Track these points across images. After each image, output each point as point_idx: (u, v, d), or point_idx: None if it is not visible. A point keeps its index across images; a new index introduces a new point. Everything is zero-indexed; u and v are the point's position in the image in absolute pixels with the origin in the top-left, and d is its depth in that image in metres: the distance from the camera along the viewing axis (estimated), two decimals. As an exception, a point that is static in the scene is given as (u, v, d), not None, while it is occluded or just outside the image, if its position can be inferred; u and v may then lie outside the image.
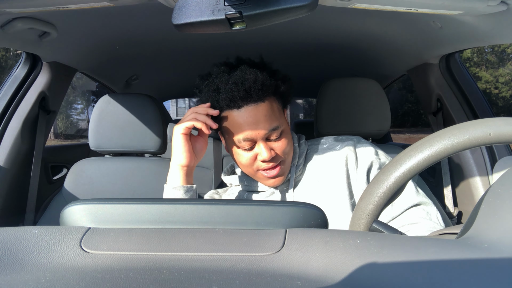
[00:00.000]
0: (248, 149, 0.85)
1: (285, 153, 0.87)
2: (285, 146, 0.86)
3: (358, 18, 1.23)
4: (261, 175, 0.88)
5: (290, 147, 0.88)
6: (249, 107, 0.82)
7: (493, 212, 0.33)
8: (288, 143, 0.87)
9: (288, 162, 0.90)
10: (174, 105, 23.57)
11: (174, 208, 0.39)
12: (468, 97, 1.42)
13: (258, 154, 0.85)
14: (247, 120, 0.82)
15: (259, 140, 0.84)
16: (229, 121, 0.84)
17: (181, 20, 0.60)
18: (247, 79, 0.81)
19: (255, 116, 0.82)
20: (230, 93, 0.81)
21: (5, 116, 1.34)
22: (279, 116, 0.86)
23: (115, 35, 1.37)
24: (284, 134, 0.87)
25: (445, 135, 0.46)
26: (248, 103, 0.82)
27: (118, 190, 1.31)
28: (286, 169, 0.90)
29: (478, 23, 0.90)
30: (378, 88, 1.23)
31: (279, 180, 0.89)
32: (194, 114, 0.83)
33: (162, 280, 0.28)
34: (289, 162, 0.90)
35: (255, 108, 0.82)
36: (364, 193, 0.50)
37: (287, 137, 0.88)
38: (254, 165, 0.87)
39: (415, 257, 0.30)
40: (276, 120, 0.84)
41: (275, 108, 0.86)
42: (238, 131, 0.83)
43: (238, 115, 0.83)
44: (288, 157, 0.89)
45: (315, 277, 0.30)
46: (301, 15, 0.56)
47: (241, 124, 0.83)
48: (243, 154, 0.86)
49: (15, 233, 0.35)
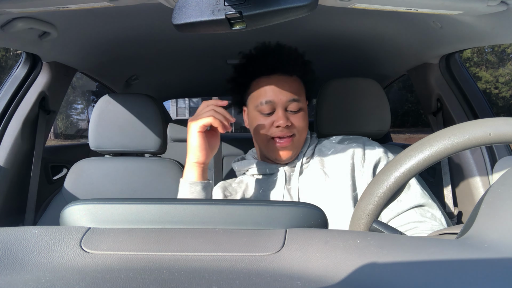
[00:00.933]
0: (267, 114, 0.92)
1: (299, 128, 0.93)
2: (301, 122, 0.93)
3: (358, 18, 1.23)
4: (272, 145, 0.93)
5: (305, 126, 0.95)
6: (278, 76, 0.93)
7: (493, 212, 0.33)
8: (304, 122, 0.94)
9: (299, 141, 0.95)
10: (174, 105, 23.58)
11: (174, 208, 0.39)
12: (468, 97, 1.42)
13: (275, 120, 0.91)
14: (273, 86, 0.92)
15: (278, 106, 0.91)
16: (257, 86, 0.94)
17: (181, 20, 0.60)
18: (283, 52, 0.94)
19: (281, 84, 0.92)
20: (265, 60, 0.93)
21: (5, 116, 1.34)
22: (301, 95, 0.94)
23: (115, 35, 1.37)
24: (303, 112, 0.94)
25: (445, 135, 0.46)
26: (278, 73, 0.93)
27: (118, 190, 1.31)
28: (298, 145, 0.95)
29: (478, 23, 0.90)
30: (378, 88, 1.23)
31: (288, 154, 0.94)
32: (211, 112, 0.84)
33: (162, 280, 0.28)
34: (301, 141, 0.96)
35: (283, 78, 0.93)
36: (364, 193, 0.50)
37: (305, 116, 0.95)
38: (269, 131, 0.93)
39: (415, 257, 0.30)
40: (298, 95, 0.93)
41: (299, 87, 0.95)
42: (262, 95, 0.93)
43: (266, 81, 0.93)
44: (300, 135, 0.94)
45: (315, 277, 0.30)
46: (301, 15, 0.56)
47: (267, 89, 0.92)
48: (262, 119, 0.93)
49: (15, 233, 0.35)
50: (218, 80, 2.29)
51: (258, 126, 0.94)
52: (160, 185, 1.31)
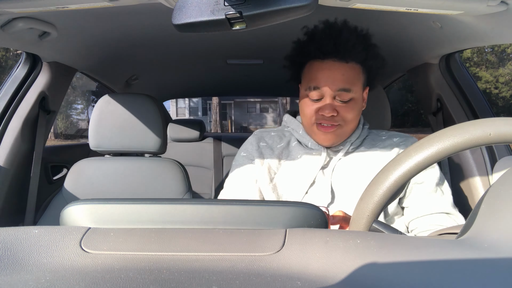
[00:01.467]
0: (315, 100, 0.89)
1: (346, 119, 0.89)
2: (349, 113, 0.88)
3: (358, 18, 1.23)
4: (316, 129, 0.90)
5: (353, 117, 0.90)
6: (332, 62, 0.87)
7: (493, 212, 0.33)
8: (353, 113, 0.89)
9: (346, 130, 0.91)
10: (174, 105, 23.60)
11: (174, 208, 0.39)
12: (468, 97, 1.42)
13: (321, 108, 0.88)
14: (324, 72, 0.87)
15: (327, 94, 0.87)
16: (310, 69, 0.90)
17: (181, 20, 0.60)
18: (341, 36, 0.86)
19: (333, 72, 0.87)
20: (320, 43, 0.87)
21: (5, 116, 1.34)
22: (355, 84, 0.89)
23: (115, 35, 1.37)
24: (353, 103, 0.89)
25: (445, 135, 0.46)
26: (333, 58, 0.87)
27: (118, 190, 1.31)
28: (342, 135, 0.91)
29: (478, 23, 0.90)
30: (378, 88, 1.23)
31: (330, 139, 0.91)
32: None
33: (162, 280, 0.28)
34: (347, 131, 0.92)
35: (337, 65, 0.87)
36: (364, 193, 0.50)
37: (355, 107, 0.89)
38: (314, 117, 0.89)
39: (415, 257, 0.30)
40: (351, 85, 0.87)
41: (355, 75, 0.89)
42: (313, 79, 0.89)
43: (319, 66, 0.88)
44: (347, 125, 0.90)
45: (315, 277, 0.30)
46: (301, 15, 0.56)
47: (317, 74, 0.88)
48: (309, 104, 0.90)
49: (15, 233, 0.35)
50: (218, 80, 2.30)
51: (305, 109, 0.91)
52: (160, 185, 1.31)
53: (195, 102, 24.92)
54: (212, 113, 22.65)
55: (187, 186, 1.32)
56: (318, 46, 0.88)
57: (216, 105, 22.14)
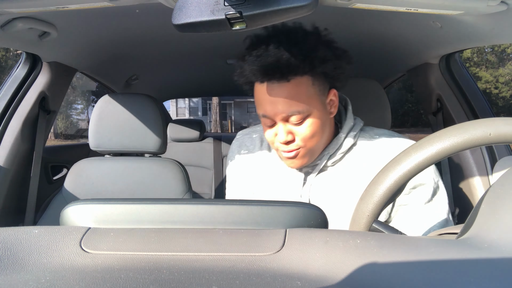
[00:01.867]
0: (270, 126, 0.81)
1: (305, 139, 0.79)
2: (308, 132, 0.78)
3: (358, 18, 1.23)
4: (280, 154, 0.84)
5: (315, 133, 0.79)
6: (271, 84, 0.76)
7: (493, 212, 0.33)
8: (313, 130, 0.79)
9: (313, 149, 0.82)
10: (174, 105, 23.60)
11: (174, 208, 0.39)
12: (468, 97, 1.42)
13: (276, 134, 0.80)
14: (266, 98, 0.78)
15: (277, 120, 0.79)
16: (255, 92, 0.81)
17: (181, 20, 0.60)
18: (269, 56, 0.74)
19: (275, 95, 0.76)
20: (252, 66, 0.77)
21: (5, 116, 1.34)
22: (307, 100, 0.77)
23: (115, 35, 1.37)
24: (311, 119, 0.78)
25: (445, 135, 0.46)
26: (269, 80, 0.76)
27: (118, 190, 1.31)
28: (310, 154, 0.83)
29: (478, 23, 0.90)
30: (378, 88, 1.23)
31: (298, 164, 0.83)
32: None
33: (162, 280, 0.28)
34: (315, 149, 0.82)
35: (277, 86, 0.76)
36: (364, 193, 0.50)
37: (315, 122, 0.79)
38: (274, 143, 0.82)
39: (415, 257, 0.30)
40: (300, 104, 0.76)
41: (302, 91, 0.77)
42: (259, 106, 0.81)
43: (260, 89, 0.79)
44: (310, 144, 0.80)
45: (315, 277, 0.30)
46: (301, 15, 0.56)
47: (261, 100, 0.79)
48: (266, 128, 0.83)
49: (15, 233, 0.35)
50: (218, 80, 2.30)
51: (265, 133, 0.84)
52: (160, 185, 1.31)
53: (195, 102, 24.92)
54: (212, 113, 22.64)
55: (187, 186, 1.32)
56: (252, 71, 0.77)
57: (216, 105, 22.13)
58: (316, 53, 0.77)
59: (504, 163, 1.26)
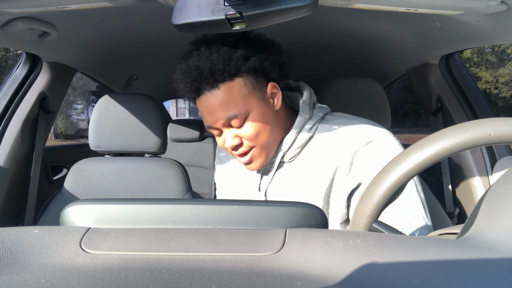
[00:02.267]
0: (218, 135, 0.82)
1: (252, 139, 0.79)
2: (252, 132, 0.78)
3: (358, 18, 1.23)
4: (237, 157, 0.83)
5: (260, 131, 0.79)
6: (204, 96, 0.77)
7: (493, 212, 0.33)
8: (257, 128, 0.78)
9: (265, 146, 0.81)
10: (174, 105, 23.59)
11: (174, 208, 0.39)
12: (468, 97, 1.42)
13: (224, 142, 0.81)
14: (204, 109, 0.79)
15: (220, 127, 0.79)
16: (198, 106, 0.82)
17: (181, 20, 0.60)
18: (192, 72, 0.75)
19: (211, 105, 0.77)
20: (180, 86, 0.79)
21: (5, 116, 1.34)
22: (243, 100, 0.76)
23: (115, 35, 1.37)
24: (252, 118, 0.78)
25: (445, 135, 0.46)
26: (202, 93, 0.77)
27: (118, 190, 1.31)
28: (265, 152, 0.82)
29: (478, 23, 0.90)
30: (378, 88, 1.23)
31: (256, 166, 0.82)
32: None
33: (162, 280, 0.28)
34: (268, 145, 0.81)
35: (210, 96, 0.76)
36: (364, 193, 0.50)
37: (257, 120, 0.78)
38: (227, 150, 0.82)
39: (415, 257, 0.30)
40: (236, 106, 0.76)
41: (235, 93, 0.76)
42: (203, 118, 0.82)
43: (199, 103, 0.80)
44: (260, 142, 0.79)
45: (315, 277, 0.30)
46: (301, 15, 0.56)
47: (202, 112, 0.80)
48: (216, 137, 0.84)
49: (15, 233, 0.35)
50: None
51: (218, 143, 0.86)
52: (160, 185, 1.31)
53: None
54: (212, 113, 22.60)
55: (187, 186, 1.32)
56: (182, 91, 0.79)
57: (216, 105, 22.07)
58: (236, 53, 0.75)
59: (504, 163, 1.27)
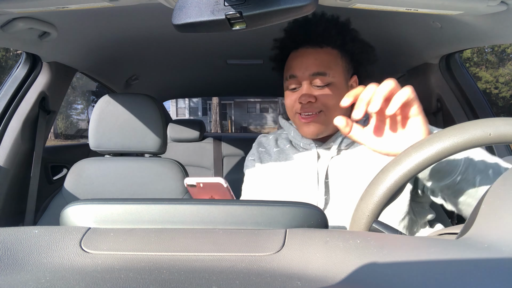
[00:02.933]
0: (293, 89, 0.88)
1: (325, 105, 0.85)
2: (329, 98, 0.85)
3: (358, 18, 1.23)
4: (298, 120, 0.89)
5: (335, 103, 0.85)
6: (305, 49, 0.87)
7: (493, 212, 0.33)
8: (334, 98, 0.85)
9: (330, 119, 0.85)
10: (174, 105, 23.60)
11: (174, 208, 0.39)
12: (468, 97, 1.42)
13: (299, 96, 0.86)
14: (298, 59, 0.87)
15: (303, 81, 0.86)
16: (288, 60, 0.91)
17: (181, 20, 0.60)
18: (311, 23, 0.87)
19: (306, 57, 0.86)
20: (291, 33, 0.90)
21: (5, 116, 1.34)
22: (332, 68, 0.86)
23: (115, 35, 1.37)
24: (333, 88, 0.85)
25: (445, 135, 0.46)
26: (305, 46, 0.87)
27: (118, 190, 1.31)
28: (326, 123, 0.87)
29: (478, 23, 0.90)
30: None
31: (313, 130, 0.87)
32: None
33: (162, 280, 0.28)
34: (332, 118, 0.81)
35: (310, 51, 0.87)
36: (364, 193, 0.50)
37: (336, 92, 0.85)
38: (294, 107, 0.88)
39: (415, 257, 0.30)
40: (326, 68, 0.85)
41: (331, 59, 0.86)
42: (288, 69, 0.89)
43: (294, 55, 0.89)
44: (330, 112, 0.86)
45: (315, 277, 0.30)
46: (301, 15, 0.56)
47: (292, 63, 0.88)
48: (289, 95, 0.90)
49: (15, 233, 0.35)
50: (218, 80, 2.30)
51: (287, 101, 0.90)
52: (160, 185, 1.31)
53: (195, 102, 24.92)
54: (212, 113, 22.65)
55: (187, 186, 1.32)
56: (290, 36, 0.90)
57: (216, 105, 22.13)
58: (350, 32, 0.90)
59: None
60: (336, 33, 0.87)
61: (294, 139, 0.94)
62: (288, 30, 0.92)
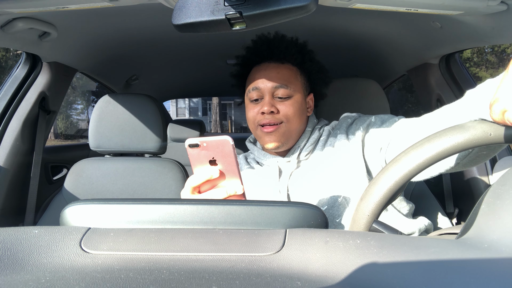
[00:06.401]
0: (255, 101, 0.93)
1: (286, 116, 0.90)
2: (289, 110, 0.90)
3: (358, 18, 1.23)
4: (260, 132, 0.93)
5: (294, 115, 0.91)
6: (268, 64, 0.94)
7: (493, 212, 0.33)
8: (294, 110, 0.91)
9: (289, 129, 0.92)
10: (174, 105, 23.59)
11: (174, 208, 0.39)
12: (468, 97, 1.42)
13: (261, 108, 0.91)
14: (261, 72, 0.93)
15: (265, 92, 0.91)
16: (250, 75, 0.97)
17: (181, 20, 0.60)
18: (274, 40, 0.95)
19: (270, 72, 0.92)
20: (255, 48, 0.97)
21: (5, 116, 1.34)
22: (293, 83, 0.92)
23: (115, 35, 1.37)
24: (293, 101, 0.91)
25: (446, 135, 0.46)
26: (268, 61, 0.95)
27: (118, 190, 1.31)
28: (286, 134, 0.92)
29: (478, 23, 0.90)
30: (378, 88, 1.23)
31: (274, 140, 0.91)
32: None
33: (162, 280, 0.28)
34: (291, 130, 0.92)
35: (272, 66, 0.94)
36: (364, 193, 0.50)
37: (295, 105, 0.91)
38: (256, 119, 0.92)
39: (415, 257, 0.30)
40: (287, 82, 0.91)
41: (291, 74, 0.93)
42: (251, 81, 0.94)
43: (257, 69, 0.95)
44: (289, 123, 0.91)
45: (315, 277, 0.30)
46: (301, 15, 0.56)
47: (256, 76, 0.94)
48: (251, 107, 0.94)
49: (15, 233, 0.35)
50: (218, 80, 2.30)
51: (248, 114, 0.95)
52: (160, 185, 1.31)
53: (195, 102, 24.92)
54: (212, 113, 22.64)
55: (187, 186, 1.32)
56: (254, 51, 0.97)
57: (216, 105, 22.12)
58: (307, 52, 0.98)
59: (504, 163, 1.26)
60: (296, 51, 0.95)
61: (258, 158, 1.00)
62: (251, 47, 0.99)
